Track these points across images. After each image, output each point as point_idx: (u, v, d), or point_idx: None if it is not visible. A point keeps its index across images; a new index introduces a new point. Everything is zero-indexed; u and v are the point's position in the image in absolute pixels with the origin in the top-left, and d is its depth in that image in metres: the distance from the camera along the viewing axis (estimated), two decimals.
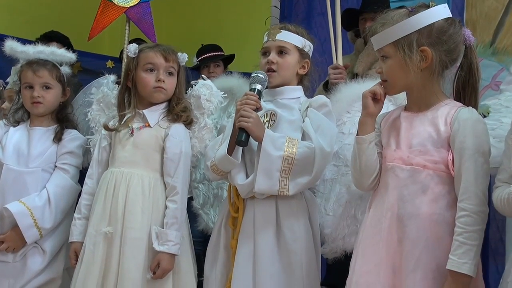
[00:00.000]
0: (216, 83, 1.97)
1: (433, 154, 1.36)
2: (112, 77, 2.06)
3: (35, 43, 2.14)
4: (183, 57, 1.88)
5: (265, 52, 1.77)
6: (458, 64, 1.42)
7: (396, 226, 1.36)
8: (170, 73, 1.85)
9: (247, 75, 1.94)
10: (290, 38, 1.76)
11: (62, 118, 2.06)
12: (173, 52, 1.86)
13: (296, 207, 1.65)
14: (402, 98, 1.56)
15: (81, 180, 1.99)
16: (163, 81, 1.82)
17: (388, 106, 1.62)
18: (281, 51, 1.75)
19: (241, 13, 3.06)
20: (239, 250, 1.64)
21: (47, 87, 2.02)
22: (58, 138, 2.00)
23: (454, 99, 1.43)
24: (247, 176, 1.66)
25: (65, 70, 2.09)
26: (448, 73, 1.42)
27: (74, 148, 2.01)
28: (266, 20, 2.01)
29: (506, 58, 2.15)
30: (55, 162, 1.98)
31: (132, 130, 1.82)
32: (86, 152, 2.06)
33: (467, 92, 1.42)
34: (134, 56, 1.85)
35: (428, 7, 1.40)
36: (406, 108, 1.47)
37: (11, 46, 2.07)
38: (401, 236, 1.35)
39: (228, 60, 2.93)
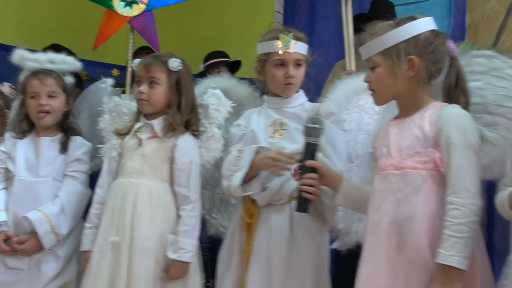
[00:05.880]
0: (208, 82, 1.98)
1: (422, 155, 1.38)
2: (110, 81, 2.08)
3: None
4: (175, 63, 1.84)
5: (282, 64, 1.76)
6: (444, 74, 1.47)
7: (394, 230, 1.38)
8: (154, 83, 1.84)
9: (248, 80, 1.96)
10: (304, 49, 1.80)
11: (67, 127, 2.10)
12: (159, 60, 1.85)
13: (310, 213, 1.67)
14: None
15: (92, 184, 2.02)
16: (143, 92, 1.83)
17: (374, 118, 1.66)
18: (297, 64, 1.77)
19: (244, 19, 3.07)
20: (254, 255, 1.67)
21: (53, 96, 2.04)
22: (64, 148, 2.04)
23: None
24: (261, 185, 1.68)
25: (69, 79, 2.12)
26: (435, 82, 1.47)
27: (81, 155, 2.05)
28: (270, 25, 2.03)
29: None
30: (64, 171, 2.02)
31: (141, 140, 1.85)
32: (94, 157, 2.10)
33: (456, 95, 1.47)
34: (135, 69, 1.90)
35: (414, 19, 1.45)
36: (395, 117, 1.51)
37: (21, 54, 2.10)
38: (399, 239, 1.37)
39: (234, 67, 2.96)
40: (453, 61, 1.48)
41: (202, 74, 2.93)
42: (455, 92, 1.47)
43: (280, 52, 1.74)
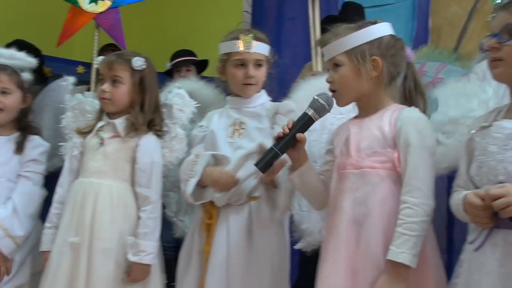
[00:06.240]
0: (175, 84, 1.97)
1: (381, 155, 1.41)
2: (71, 79, 2.04)
3: None
4: (138, 62, 1.82)
5: (242, 64, 1.77)
6: (402, 78, 1.52)
7: (353, 229, 1.40)
8: (117, 81, 1.82)
9: (210, 79, 1.96)
10: (265, 50, 1.80)
11: (24, 126, 2.04)
12: (122, 59, 1.84)
13: (268, 213, 1.70)
14: None
15: (50, 185, 1.98)
16: (105, 91, 1.81)
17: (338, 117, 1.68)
18: (258, 64, 1.78)
19: (213, 18, 3.07)
20: (213, 256, 1.67)
21: (6, 93, 1.98)
22: (20, 148, 1.98)
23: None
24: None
25: (27, 76, 2.06)
26: (395, 84, 1.51)
27: (37, 155, 2.00)
28: (238, 25, 2.03)
29: (469, 63, 2.22)
30: (19, 171, 1.97)
31: (103, 139, 1.82)
32: (53, 156, 2.05)
33: (415, 99, 1.51)
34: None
35: (375, 23, 1.50)
36: (355, 117, 1.54)
37: None
38: (358, 238, 1.39)
39: (202, 66, 2.94)
40: (409, 66, 1.53)
41: (169, 72, 2.92)
42: (415, 96, 1.51)
43: (240, 51, 1.75)
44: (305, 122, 1.44)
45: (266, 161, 1.43)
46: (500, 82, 1.37)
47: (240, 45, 1.75)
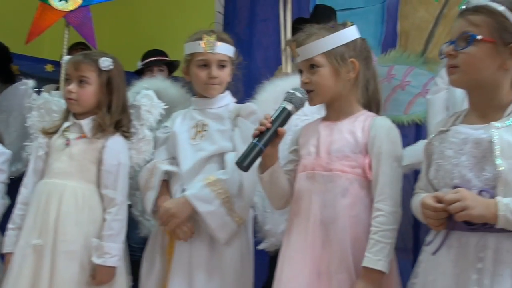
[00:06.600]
0: (141, 84, 1.96)
1: (351, 159, 1.43)
2: (31, 83, 2.00)
3: None
4: (106, 62, 1.81)
5: (205, 64, 1.77)
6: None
7: (320, 231, 1.41)
8: (82, 82, 1.81)
9: (176, 79, 1.95)
10: (229, 50, 1.80)
11: None
12: (89, 59, 1.82)
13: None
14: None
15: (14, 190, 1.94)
16: (72, 91, 1.79)
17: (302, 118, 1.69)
18: (221, 65, 1.78)
19: (185, 18, 3.05)
20: (175, 258, 1.67)
21: None
22: None
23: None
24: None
25: None
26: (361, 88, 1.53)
27: None
28: (209, 26, 2.03)
29: (436, 67, 2.27)
30: None
31: (68, 140, 1.80)
32: (16, 161, 2.01)
33: (374, 102, 1.55)
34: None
35: (346, 25, 1.52)
36: (324, 119, 1.55)
37: None
38: (324, 240, 1.41)
39: (174, 66, 2.92)
40: (373, 71, 1.55)
41: (140, 72, 2.90)
42: (373, 100, 1.54)
43: (203, 51, 1.75)
44: (285, 117, 1.41)
45: (251, 158, 1.37)
46: (457, 88, 1.41)
47: (203, 46, 1.75)
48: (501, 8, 1.23)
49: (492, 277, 1.16)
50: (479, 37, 1.22)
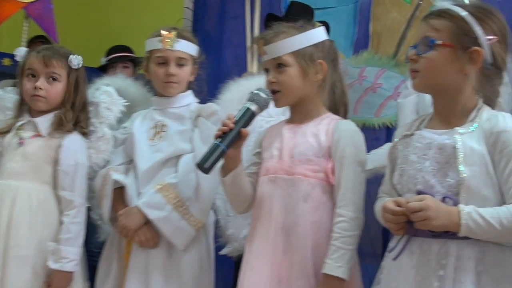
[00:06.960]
0: (102, 82, 1.90)
1: (314, 163, 1.40)
2: None
3: None
4: (76, 60, 1.76)
5: (163, 62, 1.72)
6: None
7: (281, 236, 1.38)
8: (54, 79, 1.74)
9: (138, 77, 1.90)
10: (189, 48, 1.75)
11: None
12: (60, 55, 1.75)
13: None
14: None
15: None
16: (40, 88, 1.71)
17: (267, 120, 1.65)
18: (180, 63, 1.72)
19: (153, 14, 2.98)
20: (132, 262, 1.63)
21: None
22: None
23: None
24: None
25: None
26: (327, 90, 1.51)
27: None
28: (178, 22, 1.97)
29: (407, 70, 2.25)
30: None
31: (22, 139, 1.72)
32: None
33: (342, 105, 1.52)
34: (21, 60, 1.75)
35: (314, 26, 1.50)
36: (288, 121, 1.52)
37: None
38: (286, 246, 1.38)
39: (139, 63, 2.84)
40: (340, 73, 1.53)
41: (103, 68, 2.81)
42: (341, 103, 1.52)
43: (162, 48, 1.70)
44: (248, 118, 1.36)
45: (213, 160, 1.31)
46: (419, 92, 1.39)
47: (162, 43, 1.70)
48: (463, 13, 1.22)
49: (453, 284, 1.14)
50: (438, 41, 1.21)
